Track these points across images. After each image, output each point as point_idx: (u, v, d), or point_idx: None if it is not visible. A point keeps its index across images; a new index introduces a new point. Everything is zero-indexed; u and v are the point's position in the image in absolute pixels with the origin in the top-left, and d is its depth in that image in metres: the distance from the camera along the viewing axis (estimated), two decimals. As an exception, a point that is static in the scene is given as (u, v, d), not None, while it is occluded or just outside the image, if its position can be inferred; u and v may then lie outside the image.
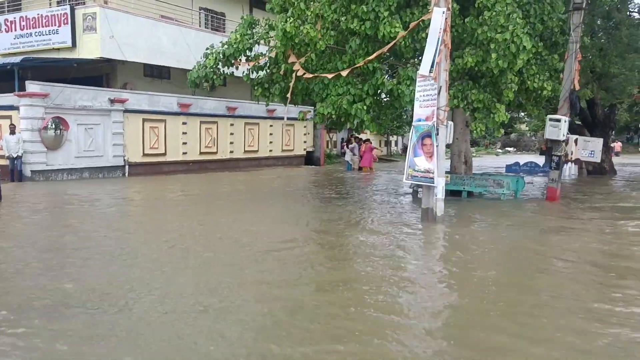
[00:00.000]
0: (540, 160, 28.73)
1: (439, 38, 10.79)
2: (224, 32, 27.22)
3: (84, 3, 23.24)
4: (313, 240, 9.30)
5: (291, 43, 12.51)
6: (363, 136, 30.29)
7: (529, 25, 12.59)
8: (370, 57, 12.35)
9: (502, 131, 13.10)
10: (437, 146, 10.81)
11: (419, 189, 15.64)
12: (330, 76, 12.73)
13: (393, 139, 44.27)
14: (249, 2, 30.15)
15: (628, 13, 20.97)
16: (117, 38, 21.65)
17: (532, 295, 6.15)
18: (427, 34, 12.03)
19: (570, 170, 23.30)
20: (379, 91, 13.10)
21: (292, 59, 13.09)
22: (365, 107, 12.84)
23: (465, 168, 15.37)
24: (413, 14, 12.73)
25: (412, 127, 11.23)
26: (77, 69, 21.25)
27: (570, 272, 7.31)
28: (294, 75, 13.15)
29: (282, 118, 24.28)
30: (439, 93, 10.78)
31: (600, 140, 14.13)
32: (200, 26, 27.24)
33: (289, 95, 13.67)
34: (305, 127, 31.04)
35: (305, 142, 31.25)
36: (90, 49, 21.53)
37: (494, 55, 11.83)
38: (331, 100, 13.01)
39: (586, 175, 24.11)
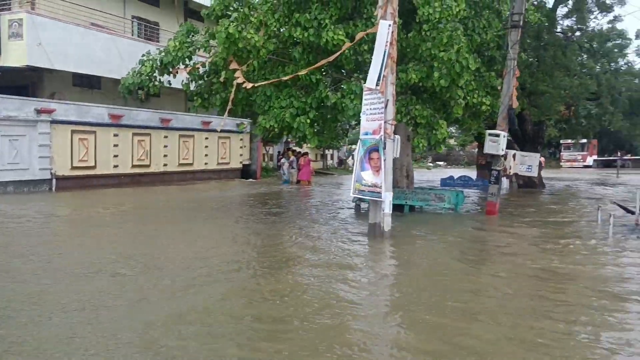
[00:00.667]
0: (473, 174, 29.60)
1: (385, 51, 10.71)
2: (158, 41, 26.37)
3: (10, 9, 21.88)
4: (253, 265, 8.55)
5: (234, 48, 12.10)
6: (300, 149, 30.10)
7: (467, 39, 12.80)
8: (315, 66, 12.15)
9: (443, 147, 13.21)
10: (384, 160, 10.69)
11: (361, 203, 15.58)
12: (272, 81, 12.43)
13: (328, 152, 44.39)
14: (183, 12, 29.43)
15: (560, 32, 21.94)
16: (44, 45, 20.49)
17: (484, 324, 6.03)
18: (369, 47, 12.02)
19: (502, 184, 23.92)
20: (322, 104, 12.92)
21: (233, 65, 12.69)
22: (308, 121, 12.60)
23: (407, 182, 15.39)
24: (356, 26, 12.66)
25: (359, 140, 11.07)
26: (1, 77, 19.88)
27: (509, 293, 7.18)
28: (234, 83, 12.75)
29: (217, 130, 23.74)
30: (385, 106, 10.68)
31: (537, 155, 14.55)
32: (133, 35, 26.28)
33: (229, 105, 13.24)
34: (241, 139, 30.48)
35: (241, 155, 30.67)
36: (15, 56, 20.26)
37: (436, 74, 11.92)
38: (274, 113, 12.69)
39: (517, 189, 24.91)
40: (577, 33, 23.14)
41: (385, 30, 10.80)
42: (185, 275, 7.35)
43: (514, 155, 14.25)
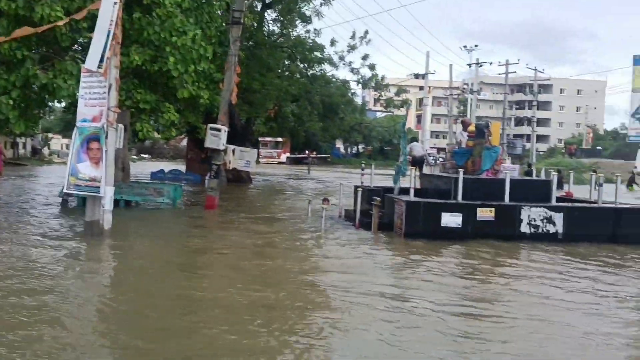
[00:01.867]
0: (180, 167, 29.37)
1: (109, 31, 9.69)
2: None
3: None
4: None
5: None
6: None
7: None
8: (12, 36, 10.36)
9: (174, 132, 12.73)
10: (105, 151, 9.67)
11: (69, 197, 13.95)
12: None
13: (21, 140, 38.85)
14: None
15: (267, 36, 23.12)
16: None
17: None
18: (90, 25, 10.79)
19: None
20: (27, 84, 11.11)
21: None
22: (11, 102, 10.68)
23: (123, 175, 14.34)
24: (73, 1, 11.21)
25: (75, 128, 9.81)
26: None
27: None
28: None
29: None
30: (108, 91, 9.67)
31: (255, 151, 15.01)
32: None
33: None
34: None
35: None
36: None
37: (172, 59, 11.35)
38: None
39: (226, 183, 25.51)
40: (281, 39, 24.83)
41: (109, 8, 9.77)
42: None
43: (233, 151, 14.45)
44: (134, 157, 50.96)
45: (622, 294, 7.28)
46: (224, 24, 14.45)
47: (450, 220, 10.87)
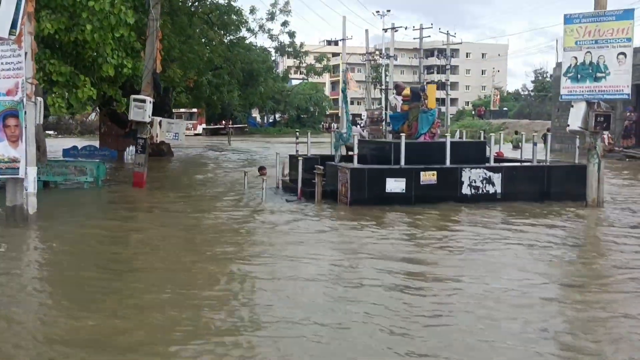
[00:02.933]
0: (89, 143, 27.63)
1: (21, -8, 8.63)
2: None
3: None
4: None
5: None
6: None
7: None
8: None
9: (90, 107, 11.71)
10: (25, 128, 8.71)
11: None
12: None
13: None
14: None
15: (181, 1, 21.87)
16: None
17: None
18: None
19: (130, 153, 23.02)
20: None
21: None
22: None
23: (39, 154, 13.08)
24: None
25: (-13, 103, 8.74)
26: None
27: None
28: None
29: None
30: (24, 61, 8.66)
31: (184, 123, 14.28)
32: None
33: None
34: None
35: None
36: None
37: (89, 27, 10.34)
38: None
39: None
40: (197, 3, 23.67)
41: (19, -35, 8.68)
42: None
43: (160, 122, 13.59)
44: (38, 134, 47.64)
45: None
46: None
47: (395, 185, 10.80)
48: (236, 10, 25.40)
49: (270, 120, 77.62)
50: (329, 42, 57.34)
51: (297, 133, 15.00)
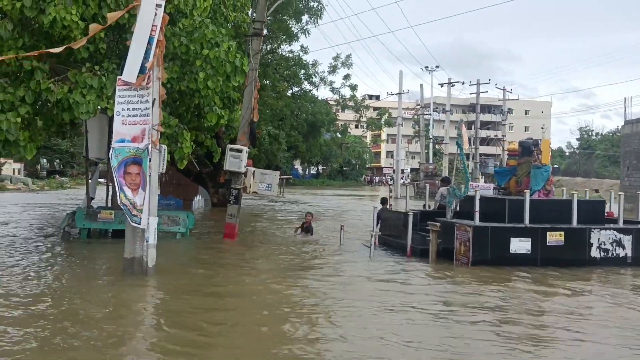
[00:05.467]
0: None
1: (151, 37, 8.42)
2: None
3: None
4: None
5: None
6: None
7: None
8: (34, 52, 8.93)
9: (184, 163, 11.27)
10: (149, 176, 8.32)
11: (73, 230, 12.38)
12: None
13: (-31, 164, 35.68)
14: None
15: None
16: None
17: None
18: (106, 33, 9.52)
19: (199, 203, 22.77)
20: (40, 99, 9.60)
21: None
22: (19, 119, 9.10)
23: (131, 202, 12.77)
24: (87, 6, 9.74)
25: (112, 150, 8.42)
26: None
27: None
28: None
29: None
30: (152, 107, 8.36)
31: (277, 173, 13.77)
32: None
33: None
34: None
35: None
36: None
37: (202, 75, 10.07)
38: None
39: (211, 207, 24.00)
40: (269, 56, 23.79)
41: (149, 12, 8.52)
42: None
43: (254, 173, 13.19)
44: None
45: None
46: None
47: (520, 246, 10.03)
48: (304, 64, 25.51)
49: (313, 172, 77.58)
50: (370, 97, 57.62)
51: (391, 186, 14.39)
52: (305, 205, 28.12)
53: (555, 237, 10.16)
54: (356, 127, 34.50)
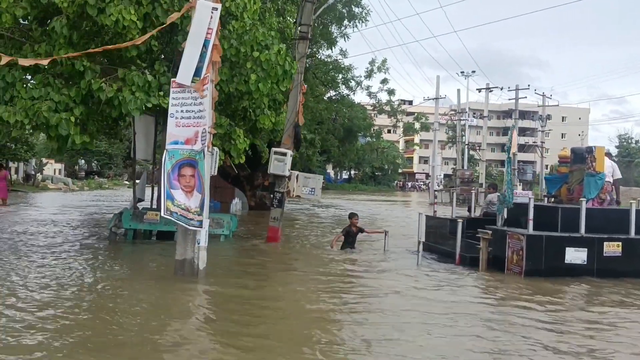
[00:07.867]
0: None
1: (208, 41, 8.41)
2: None
3: None
4: None
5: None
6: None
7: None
8: (92, 50, 9.03)
9: (243, 158, 11.41)
10: (202, 178, 8.31)
11: (119, 230, 12.50)
12: (27, 62, 8.75)
13: (13, 165, 36.46)
14: None
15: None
16: None
17: None
18: (159, 32, 9.55)
19: (237, 206, 22.81)
20: (89, 97, 9.68)
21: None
22: (73, 119, 9.19)
23: (177, 204, 12.85)
24: (140, 5, 9.77)
25: (165, 152, 8.44)
26: None
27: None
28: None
29: None
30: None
31: (320, 177, 13.72)
32: None
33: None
34: None
35: None
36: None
37: (253, 77, 10.07)
38: (23, 105, 8.94)
39: (248, 210, 24.05)
40: (308, 60, 23.75)
41: (206, 14, 8.50)
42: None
43: (297, 176, 13.14)
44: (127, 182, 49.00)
45: None
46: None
47: (575, 256, 9.71)
48: (342, 68, 25.44)
49: (345, 177, 77.48)
50: (403, 102, 57.19)
51: (436, 192, 14.17)
52: (341, 209, 27.97)
53: (612, 248, 9.82)
54: (389, 132, 34.24)
